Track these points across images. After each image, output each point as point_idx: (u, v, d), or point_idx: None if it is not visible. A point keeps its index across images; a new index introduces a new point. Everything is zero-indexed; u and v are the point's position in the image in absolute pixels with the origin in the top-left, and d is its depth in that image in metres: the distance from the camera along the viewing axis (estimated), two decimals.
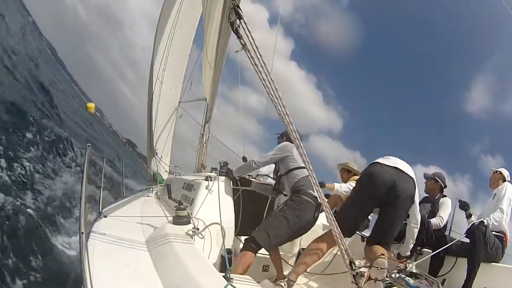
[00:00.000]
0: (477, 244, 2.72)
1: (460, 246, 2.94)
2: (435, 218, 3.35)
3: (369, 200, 2.53)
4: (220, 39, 3.07)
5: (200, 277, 1.42)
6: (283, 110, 1.75)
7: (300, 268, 2.50)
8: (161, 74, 6.56)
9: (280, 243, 2.65)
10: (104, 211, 2.57)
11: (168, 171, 6.53)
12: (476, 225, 2.84)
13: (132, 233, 2.14)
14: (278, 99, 1.72)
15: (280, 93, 1.71)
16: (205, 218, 2.43)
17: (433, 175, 3.70)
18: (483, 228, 2.79)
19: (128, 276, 1.50)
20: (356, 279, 1.97)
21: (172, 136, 7.09)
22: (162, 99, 6.64)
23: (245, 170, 3.13)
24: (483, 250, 2.74)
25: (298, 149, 1.86)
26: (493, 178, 3.42)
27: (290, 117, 1.76)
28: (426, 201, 3.66)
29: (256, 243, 2.42)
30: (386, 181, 2.40)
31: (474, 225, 2.87)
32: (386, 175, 2.43)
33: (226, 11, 2.06)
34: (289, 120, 1.76)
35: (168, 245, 1.83)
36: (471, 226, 2.93)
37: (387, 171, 2.45)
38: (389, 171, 2.45)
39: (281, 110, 1.75)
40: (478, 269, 2.67)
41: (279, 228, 2.50)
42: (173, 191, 3.60)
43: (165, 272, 1.53)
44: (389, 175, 2.42)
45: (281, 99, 1.72)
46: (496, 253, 2.85)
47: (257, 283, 1.81)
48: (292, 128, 1.77)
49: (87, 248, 1.65)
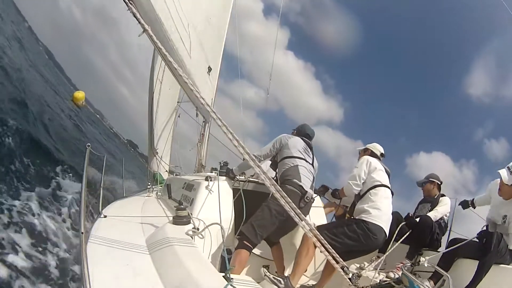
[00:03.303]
0: (492, 249, 2.60)
1: (464, 247, 2.82)
2: (431, 211, 3.36)
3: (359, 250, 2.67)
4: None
5: (200, 277, 1.42)
6: (194, 91, 1.97)
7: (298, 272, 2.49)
8: (161, 74, 6.57)
9: (267, 233, 2.64)
10: (104, 211, 2.57)
11: (168, 171, 6.55)
12: (494, 231, 2.70)
13: (132, 233, 2.14)
14: (186, 79, 1.95)
15: (191, 79, 1.91)
16: (205, 218, 2.43)
17: (426, 178, 3.71)
18: (500, 235, 2.67)
19: (128, 276, 1.50)
20: (352, 281, 1.98)
21: (172, 136, 7.10)
22: (161, 99, 6.65)
23: (247, 167, 3.13)
24: (496, 256, 2.62)
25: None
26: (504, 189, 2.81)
27: (201, 96, 1.96)
28: (425, 201, 3.68)
29: (245, 237, 2.47)
30: (379, 245, 2.69)
31: (489, 231, 2.75)
32: (380, 238, 2.59)
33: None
34: (203, 100, 1.98)
35: (168, 245, 1.83)
36: (486, 231, 2.84)
37: (381, 235, 2.60)
38: (383, 235, 2.61)
39: (193, 92, 1.99)
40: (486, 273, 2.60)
41: (263, 219, 2.55)
42: (173, 191, 3.60)
43: (165, 272, 1.53)
44: (382, 239, 2.61)
45: (191, 83, 1.97)
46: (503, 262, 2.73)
47: (257, 283, 1.81)
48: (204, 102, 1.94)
49: (87, 248, 1.65)
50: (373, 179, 2.78)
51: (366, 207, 2.63)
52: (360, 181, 2.78)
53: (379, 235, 2.55)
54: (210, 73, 4.57)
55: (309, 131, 3.27)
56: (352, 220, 2.68)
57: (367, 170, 2.83)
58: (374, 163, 2.88)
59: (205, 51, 4.28)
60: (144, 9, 2.33)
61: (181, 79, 2.13)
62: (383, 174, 2.86)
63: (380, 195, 2.71)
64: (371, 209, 2.60)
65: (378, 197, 2.69)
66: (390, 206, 2.78)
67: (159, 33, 2.61)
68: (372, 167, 2.84)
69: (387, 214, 2.69)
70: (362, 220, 2.57)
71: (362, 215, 2.60)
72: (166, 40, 2.84)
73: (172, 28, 2.96)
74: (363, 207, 2.65)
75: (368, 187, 2.76)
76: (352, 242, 2.51)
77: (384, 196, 2.73)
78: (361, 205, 2.69)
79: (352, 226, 2.55)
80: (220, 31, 4.93)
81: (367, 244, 2.56)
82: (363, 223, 2.54)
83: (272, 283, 2.42)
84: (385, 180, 2.84)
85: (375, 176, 2.79)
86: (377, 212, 2.59)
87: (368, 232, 2.51)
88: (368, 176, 2.80)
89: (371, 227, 2.52)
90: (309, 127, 3.31)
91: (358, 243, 2.53)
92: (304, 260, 2.45)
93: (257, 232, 2.51)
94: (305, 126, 3.31)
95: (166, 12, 2.80)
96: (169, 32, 2.87)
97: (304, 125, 3.32)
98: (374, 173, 2.81)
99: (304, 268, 2.52)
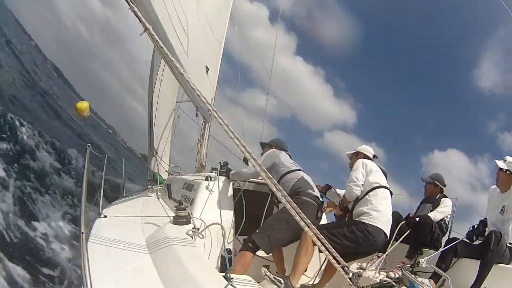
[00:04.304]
0: (492, 248, 2.63)
1: (465, 247, 2.88)
2: (433, 212, 3.36)
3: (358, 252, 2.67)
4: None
5: (200, 277, 1.42)
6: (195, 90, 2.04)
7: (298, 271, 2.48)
8: (161, 74, 6.57)
9: (281, 245, 2.65)
10: (104, 211, 2.57)
11: (167, 171, 6.54)
12: (492, 230, 2.75)
13: (132, 233, 2.14)
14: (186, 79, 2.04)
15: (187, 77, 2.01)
16: (205, 218, 2.43)
17: (431, 178, 3.71)
18: (499, 234, 2.70)
19: (128, 276, 1.50)
20: (353, 281, 1.97)
21: (171, 136, 7.09)
22: (160, 99, 6.65)
23: (238, 178, 3.14)
24: (496, 254, 2.65)
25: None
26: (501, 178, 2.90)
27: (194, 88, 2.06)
28: (427, 202, 3.68)
29: (256, 245, 2.44)
30: (378, 247, 2.67)
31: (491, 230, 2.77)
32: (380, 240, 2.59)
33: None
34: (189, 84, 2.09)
35: (168, 245, 1.82)
36: (477, 229, 2.89)
37: (381, 237, 2.59)
38: (382, 237, 2.61)
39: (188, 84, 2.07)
40: (488, 273, 2.62)
41: (280, 231, 2.51)
42: (173, 191, 3.60)
43: (165, 272, 1.53)
44: (381, 241, 2.61)
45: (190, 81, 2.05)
46: (503, 262, 2.77)
47: (257, 283, 1.81)
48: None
49: (87, 248, 1.65)
50: (370, 181, 2.77)
51: (366, 209, 2.62)
52: (360, 183, 2.77)
53: (378, 237, 2.55)
54: (208, 72, 4.57)
55: (285, 144, 3.33)
56: (352, 221, 2.68)
57: (365, 172, 2.83)
58: (370, 165, 2.88)
59: (202, 51, 4.29)
60: (146, 9, 2.34)
61: (182, 78, 2.13)
62: (380, 175, 2.86)
63: (379, 196, 2.71)
64: (370, 211, 2.60)
65: (377, 199, 2.68)
66: (389, 207, 2.78)
67: (160, 33, 2.61)
68: (369, 169, 2.84)
69: (386, 216, 2.68)
70: (362, 222, 2.57)
71: (362, 217, 2.60)
72: (167, 39, 2.84)
73: (170, 28, 2.97)
74: (362, 210, 2.64)
75: (366, 189, 2.76)
76: (350, 244, 2.50)
77: (383, 197, 2.73)
78: (360, 208, 2.69)
79: (351, 228, 2.55)
80: (218, 31, 4.93)
81: (365, 246, 2.56)
82: (363, 225, 2.54)
83: (272, 283, 2.41)
84: (383, 181, 2.83)
85: (373, 178, 2.79)
86: (376, 213, 2.59)
87: (367, 234, 2.50)
88: (366, 179, 2.80)
89: (370, 229, 2.52)
90: (284, 141, 3.37)
91: (357, 245, 2.52)
92: (303, 258, 2.44)
93: (272, 244, 2.50)
94: (281, 141, 3.36)
95: (164, 12, 2.80)
96: (168, 31, 2.87)
97: (279, 140, 3.36)
98: (371, 175, 2.81)
99: (304, 267, 2.51)
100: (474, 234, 2.84)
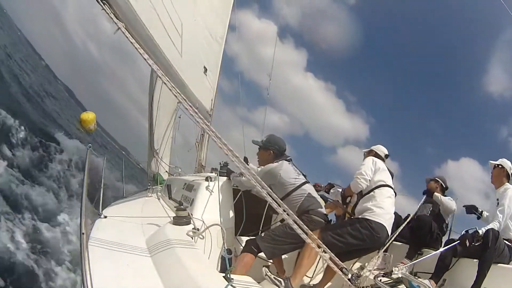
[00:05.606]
0: (490, 246, 2.65)
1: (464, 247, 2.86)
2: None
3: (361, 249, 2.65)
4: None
5: (200, 277, 1.42)
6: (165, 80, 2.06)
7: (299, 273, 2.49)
8: None
9: (284, 253, 2.70)
10: (104, 211, 2.57)
11: (168, 171, 6.53)
12: (489, 228, 2.77)
13: (132, 234, 2.14)
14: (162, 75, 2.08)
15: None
16: (206, 219, 2.43)
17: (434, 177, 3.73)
18: (497, 232, 2.73)
19: (128, 276, 1.50)
20: (352, 281, 1.97)
21: (172, 137, 7.09)
22: (161, 99, 6.64)
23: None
24: (495, 253, 2.68)
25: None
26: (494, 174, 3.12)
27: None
28: (427, 202, 3.68)
29: (259, 250, 2.46)
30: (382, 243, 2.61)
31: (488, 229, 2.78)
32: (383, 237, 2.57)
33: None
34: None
35: (168, 246, 1.83)
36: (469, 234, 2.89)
37: (384, 233, 2.56)
38: (385, 233, 2.58)
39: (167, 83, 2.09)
40: (488, 271, 2.63)
41: (284, 243, 2.52)
42: (173, 192, 3.61)
43: (165, 272, 1.53)
44: (385, 237, 2.58)
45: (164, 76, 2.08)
46: (503, 261, 2.79)
47: (257, 284, 1.81)
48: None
49: (88, 248, 1.65)
50: (377, 179, 2.78)
51: (370, 206, 2.63)
52: (367, 177, 2.77)
53: (381, 233, 2.54)
54: (207, 73, 4.56)
55: (284, 144, 2.99)
56: (355, 219, 2.69)
57: (374, 168, 2.84)
58: (379, 163, 2.90)
59: (199, 52, 4.27)
60: (121, 9, 2.31)
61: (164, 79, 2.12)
62: (387, 174, 2.87)
63: (384, 194, 2.72)
64: (374, 208, 2.60)
65: (382, 196, 2.69)
66: (392, 205, 2.78)
67: (140, 32, 2.56)
68: (377, 167, 2.85)
69: (389, 213, 2.69)
70: (365, 218, 2.57)
71: (365, 214, 2.60)
72: (150, 39, 2.74)
73: (159, 27, 2.91)
74: (366, 206, 2.65)
75: (372, 186, 2.77)
76: (355, 241, 2.51)
77: (387, 195, 2.74)
78: (364, 204, 2.69)
79: (355, 225, 2.55)
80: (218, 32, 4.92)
81: (370, 243, 2.56)
82: (366, 221, 2.54)
83: (272, 283, 2.41)
84: (389, 180, 2.84)
85: (380, 176, 2.80)
86: (380, 210, 2.59)
87: (372, 231, 2.51)
88: (373, 176, 2.81)
89: (374, 225, 2.52)
90: (280, 138, 3.01)
91: (362, 242, 2.52)
92: (306, 261, 2.46)
93: (276, 253, 2.53)
94: (279, 142, 2.98)
95: (151, 12, 2.75)
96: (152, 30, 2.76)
97: (276, 141, 2.98)
98: (378, 173, 2.82)
99: (306, 270, 2.52)
100: (467, 238, 2.83)
